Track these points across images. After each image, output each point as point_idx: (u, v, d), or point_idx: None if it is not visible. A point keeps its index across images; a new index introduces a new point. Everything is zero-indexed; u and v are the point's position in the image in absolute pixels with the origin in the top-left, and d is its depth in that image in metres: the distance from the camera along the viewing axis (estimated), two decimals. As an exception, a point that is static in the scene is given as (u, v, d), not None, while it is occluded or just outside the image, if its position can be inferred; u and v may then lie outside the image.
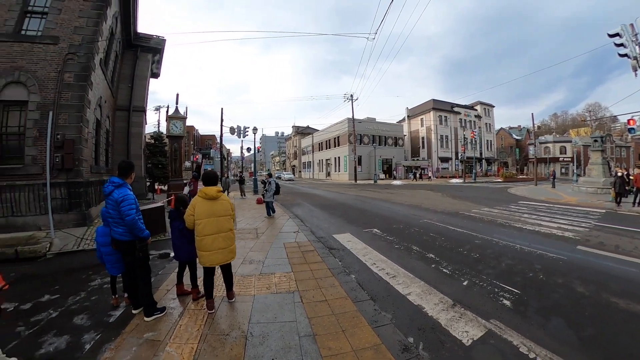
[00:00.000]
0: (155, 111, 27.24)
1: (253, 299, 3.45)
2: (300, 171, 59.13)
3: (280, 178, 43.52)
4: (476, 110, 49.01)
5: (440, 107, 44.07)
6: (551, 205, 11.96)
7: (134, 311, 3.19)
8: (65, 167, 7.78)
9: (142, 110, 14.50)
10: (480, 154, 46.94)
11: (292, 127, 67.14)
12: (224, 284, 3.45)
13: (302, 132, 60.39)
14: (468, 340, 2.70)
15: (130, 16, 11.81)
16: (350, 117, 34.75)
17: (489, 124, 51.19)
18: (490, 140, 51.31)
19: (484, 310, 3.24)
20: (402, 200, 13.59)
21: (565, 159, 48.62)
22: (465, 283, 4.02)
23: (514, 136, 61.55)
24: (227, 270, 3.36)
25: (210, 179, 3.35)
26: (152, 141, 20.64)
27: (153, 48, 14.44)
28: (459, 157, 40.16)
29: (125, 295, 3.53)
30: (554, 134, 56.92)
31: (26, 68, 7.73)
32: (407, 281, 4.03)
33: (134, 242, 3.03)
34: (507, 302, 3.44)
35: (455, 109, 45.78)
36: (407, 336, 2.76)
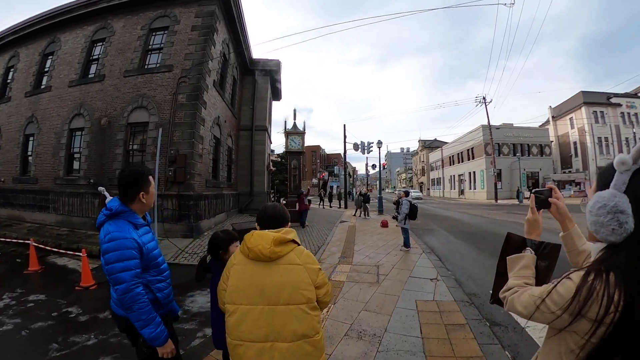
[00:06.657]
0: (283, 134, 30.40)
1: None
2: (428, 188, 54.19)
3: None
4: (645, 97, 34.25)
5: (593, 101, 32.61)
6: None
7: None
8: (177, 180, 8.35)
9: (264, 130, 15.25)
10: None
11: (418, 141, 63.64)
12: None
13: (429, 146, 56.17)
14: None
15: (242, 43, 12.75)
16: (484, 124, 29.42)
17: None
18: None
19: None
20: (569, 230, 9.39)
21: None
22: None
23: None
24: None
25: (270, 218, 1.45)
26: (279, 159, 22.08)
27: (269, 71, 15.24)
28: (625, 166, 28.80)
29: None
30: None
31: (147, 94, 8.98)
32: None
33: (131, 325, 1.56)
34: None
35: (613, 100, 33.19)
36: None
